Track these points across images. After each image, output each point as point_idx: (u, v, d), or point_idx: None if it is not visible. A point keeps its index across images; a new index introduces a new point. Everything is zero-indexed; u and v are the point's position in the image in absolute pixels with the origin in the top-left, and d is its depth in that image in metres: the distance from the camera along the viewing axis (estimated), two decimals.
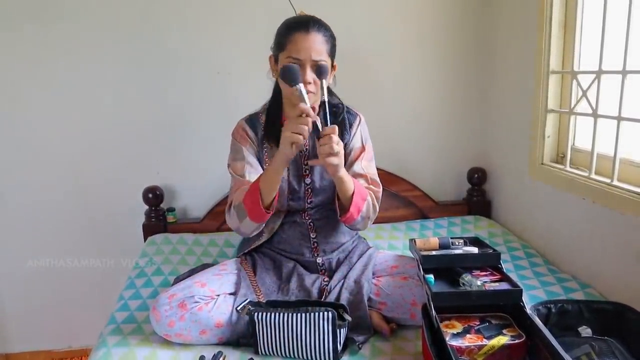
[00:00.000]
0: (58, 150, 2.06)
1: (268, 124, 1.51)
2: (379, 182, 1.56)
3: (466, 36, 2.14)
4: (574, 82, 1.64)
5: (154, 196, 2.04)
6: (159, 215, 2.08)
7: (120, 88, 2.03)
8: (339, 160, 1.30)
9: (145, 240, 2.05)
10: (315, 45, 1.36)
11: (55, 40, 1.96)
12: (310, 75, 1.36)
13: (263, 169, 1.51)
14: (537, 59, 1.74)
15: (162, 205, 2.10)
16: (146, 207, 2.08)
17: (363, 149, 1.55)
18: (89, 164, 2.09)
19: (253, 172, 1.49)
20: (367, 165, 1.55)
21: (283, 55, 1.38)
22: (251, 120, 1.55)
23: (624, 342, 1.17)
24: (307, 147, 1.51)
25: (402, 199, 2.18)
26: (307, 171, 1.51)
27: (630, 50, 1.37)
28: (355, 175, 1.50)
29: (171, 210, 2.10)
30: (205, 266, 1.63)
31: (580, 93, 1.60)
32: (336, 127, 1.28)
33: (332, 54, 1.42)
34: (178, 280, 1.54)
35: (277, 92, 1.51)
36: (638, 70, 1.37)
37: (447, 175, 2.28)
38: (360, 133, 1.56)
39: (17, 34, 1.94)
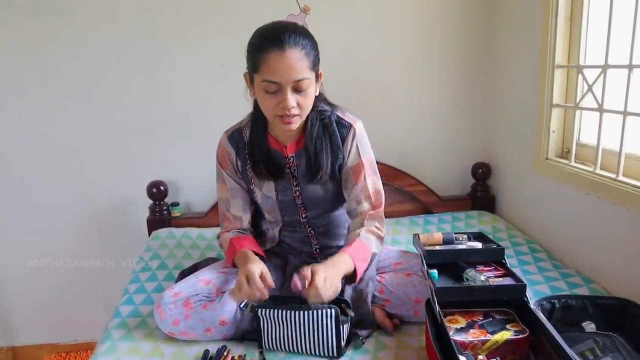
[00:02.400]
0: (61, 146, 2.07)
1: (252, 146, 1.40)
2: (382, 196, 1.44)
3: (471, 30, 2.12)
4: (580, 76, 1.63)
5: (158, 191, 2.05)
6: (163, 209, 2.09)
7: (123, 83, 2.03)
8: (335, 291, 1.22)
9: (149, 235, 2.05)
10: (294, 63, 1.18)
11: (58, 35, 1.96)
12: (291, 99, 1.21)
13: (249, 188, 1.47)
14: (542, 53, 1.72)
15: (166, 200, 2.10)
16: (150, 201, 2.08)
17: (361, 166, 1.40)
18: (92, 158, 2.10)
19: (238, 201, 1.48)
20: (369, 182, 1.41)
21: (258, 78, 1.22)
22: (233, 137, 1.44)
23: (627, 337, 1.17)
24: (295, 167, 1.41)
25: (406, 194, 2.17)
26: (297, 192, 1.43)
27: (636, 44, 1.36)
28: (358, 201, 1.41)
29: (175, 204, 2.11)
30: (209, 260, 1.63)
31: (586, 87, 1.59)
32: (317, 281, 1.16)
33: (315, 64, 1.25)
34: (182, 274, 1.54)
35: (258, 108, 1.34)
36: None
37: (451, 170, 2.27)
38: (355, 148, 1.40)
39: (21, 28, 1.94)
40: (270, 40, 1.19)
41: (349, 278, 1.32)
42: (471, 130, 2.23)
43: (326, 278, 1.18)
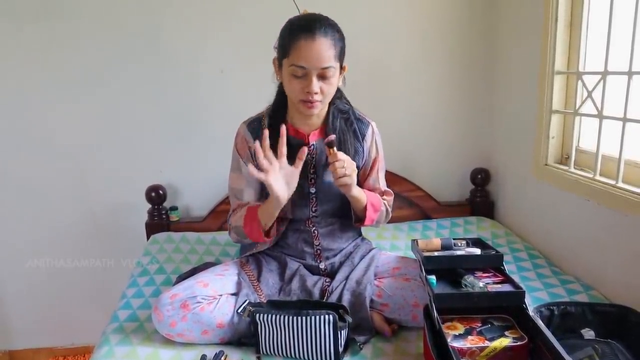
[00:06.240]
0: (60, 149, 2.07)
1: (271, 132, 1.38)
2: (390, 189, 1.60)
3: (471, 36, 2.13)
4: (579, 82, 1.63)
5: (156, 195, 2.05)
6: (162, 213, 2.08)
7: (123, 86, 2.04)
8: (351, 180, 1.34)
9: (148, 239, 2.05)
10: (322, 51, 1.26)
11: (58, 39, 1.97)
12: (316, 85, 1.28)
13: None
14: (542, 59, 1.73)
15: (164, 204, 2.10)
16: (149, 205, 2.08)
17: (377, 159, 1.54)
18: (91, 162, 2.10)
19: (251, 192, 1.48)
20: (381, 176, 1.57)
21: (287, 63, 1.29)
22: (252, 125, 1.46)
23: (626, 344, 1.17)
24: (314, 155, 1.45)
25: (405, 200, 2.17)
26: (313, 180, 1.46)
27: (636, 51, 1.36)
28: (371, 188, 1.55)
29: (174, 209, 2.10)
30: (207, 265, 1.63)
31: (586, 94, 1.59)
32: (342, 154, 1.32)
33: (341, 56, 1.33)
34: (180, 278, 1.54)
35: (280, 96, 1.44)
36: None
37: (450, 175, 2.27)
38: (374, 143, 1.52)
39: (22, 30, 1.95)
40: (301, 28, 1.27)
41: (357, 218, 1.47)
42: (470, 135, 2.23)
43: (347, 164, 1.32)
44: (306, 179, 1.45)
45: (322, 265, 1.50)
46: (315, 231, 1.50)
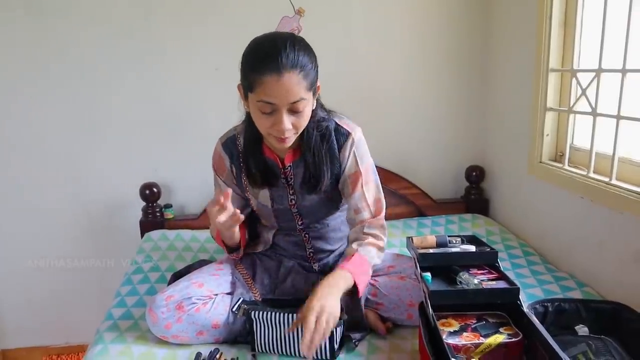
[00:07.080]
0: (54, 147, 2.06)
1: (246, 155, 1.37)
2: (382, 204, 1.41)
3: (465, 34, 2.13)
4: (574, 80, 1.63)
5: (151, 192, 2.04)
6: (156, 211, 2.08)
7: (116, 84, 2.02)
8: (334, 321, 1.18)
9: (142, 237, 2.04)
10: (291, 87, 1.13)
11: (51, 36, 1.95)
12: (287, 121, 1.17)
13: (244, 193, 1.45)
14: (536, 57, 1.73)
15: (159, 202, 2.09)
16: (143, 203, 2.07)
17: (358, 174, 1.36)
18: (85, 159, 2.08)
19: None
20: (367, 191, 1.38)
21: (253, 97, 1.17)
22: (227, 144, 1.40)
23: (620, 341, 1.17)
24: (292, 177, 1.38)
25: (400, 197, 2.17)
26: (293, 201, 1.40)
27: (630, 48, 1.37)
28: (357, 210, 1.38)
29: (168, 206, 2.10)
30: (202, 262, 1.62)
31: (580, 91, 1.59)
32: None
33: (313, 83, 1.20)
34: (175, 276, 1.53)
35: (250, 122, 1.30)
36: (638, 69, 1.36)
37: (445, 173, 2.27)
38: (353, 156, 1.36)
39: (13, 28, 1.93)
40: (266, 62, 1.13)
41: (351, 293, 1.27)
42: (465, 133, 2.24)
43: (321, 310, 1.14)
44: (286, 199, 1.41)
45: (315, 266, 1.49)
46: (306, 235, 1.48)
